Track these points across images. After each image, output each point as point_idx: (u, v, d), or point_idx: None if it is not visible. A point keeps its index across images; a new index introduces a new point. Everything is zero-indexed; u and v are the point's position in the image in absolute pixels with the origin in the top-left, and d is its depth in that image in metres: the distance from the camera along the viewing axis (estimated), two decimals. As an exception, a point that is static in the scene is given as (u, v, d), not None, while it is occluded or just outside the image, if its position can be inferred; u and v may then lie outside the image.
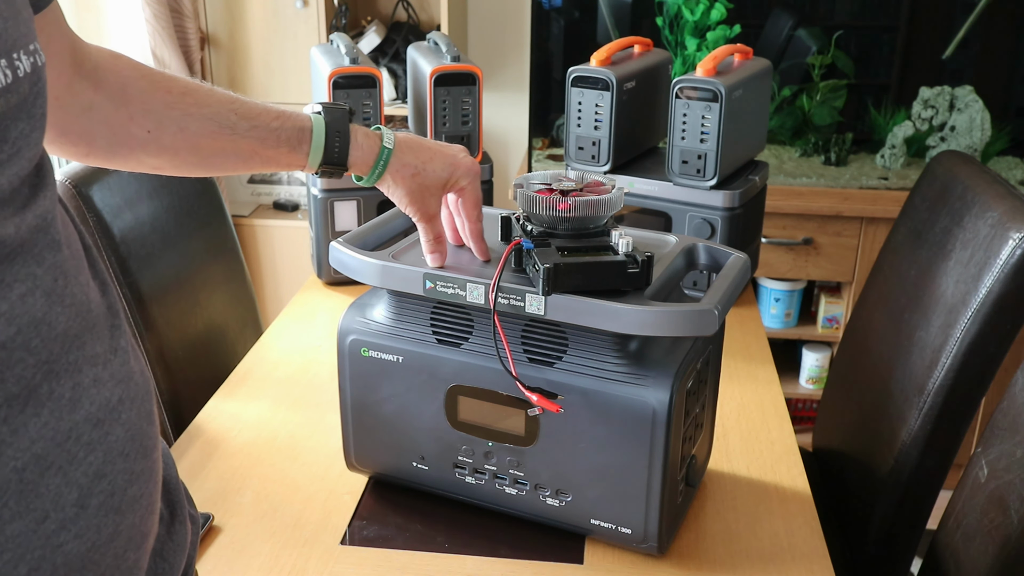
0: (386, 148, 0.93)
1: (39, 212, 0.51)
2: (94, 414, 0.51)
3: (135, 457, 0.54)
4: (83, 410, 0.51)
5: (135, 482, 0.54)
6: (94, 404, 0.52)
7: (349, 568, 0.94)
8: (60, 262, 0.51)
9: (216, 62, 2.56)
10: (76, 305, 0.52)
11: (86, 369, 0.52)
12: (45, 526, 0.48)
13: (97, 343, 0.53)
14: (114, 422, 0.53)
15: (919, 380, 1.27)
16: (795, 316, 2.56)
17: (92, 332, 0.53)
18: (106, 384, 0.53)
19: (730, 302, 0.89)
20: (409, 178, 0.94)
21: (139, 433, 0.55)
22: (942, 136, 2.54)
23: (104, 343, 0.54)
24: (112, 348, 0.55)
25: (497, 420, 0.93)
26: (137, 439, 0.55)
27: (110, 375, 0.53)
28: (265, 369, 1.35)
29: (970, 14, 2.53)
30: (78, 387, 0.51)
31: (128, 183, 1.43)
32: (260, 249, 2.65)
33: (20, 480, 0.47)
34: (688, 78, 1.44)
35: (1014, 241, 1.16)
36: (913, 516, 1.31)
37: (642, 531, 0.91)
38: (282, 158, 0.89)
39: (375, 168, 0.93)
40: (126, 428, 0.54)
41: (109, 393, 0.53)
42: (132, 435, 0.54)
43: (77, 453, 0.50)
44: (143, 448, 0.55)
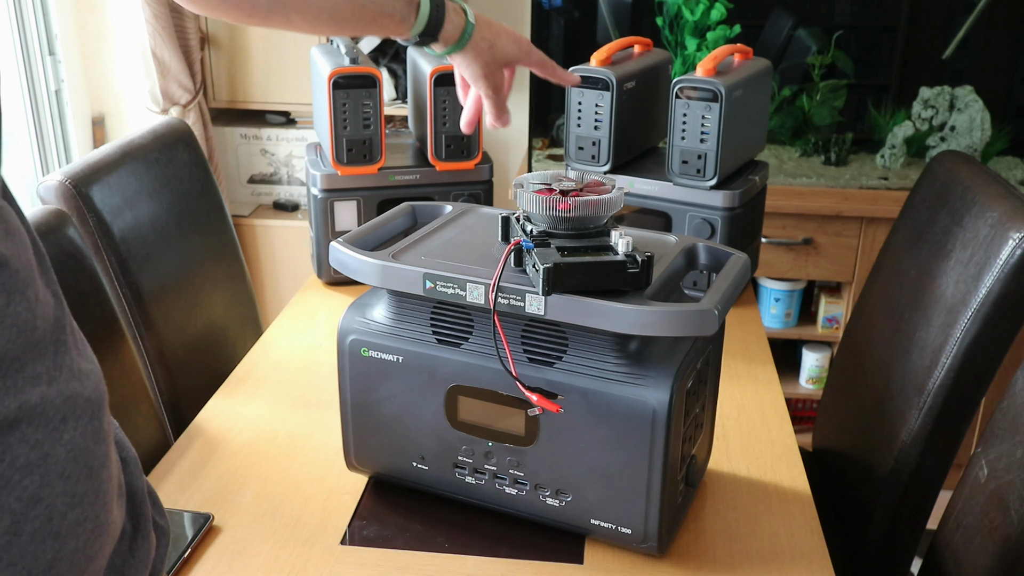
0: (471, 23, 1.06)
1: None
2: (31, 435, 0.48)
3: (77, 479, 0.51)
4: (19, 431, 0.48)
5: (78, 505, 0.51)
6: (32, 425, 0.48)
7: (349, 568, 0.94)
8: (4, 280, 0.48)
9: (216, 62, 2.56)
10: (18, 325, 0.48)
11: (29, 390, 0.49)
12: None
13: (39, 363, 0.50)
14: (55, 443, 0.49)
15: (919, 380, 1.27)
16: (795, 316, 2.56)
17: (34, 351, 0.50)
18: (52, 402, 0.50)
19: (730, 302, 0.89)
20: (485, 51, 1.08)
21: (84, 452, 0.51)
22: (942, 136, 2.54)
23: (47, 361, 0.51)
24: (56, 366, 0.51)
25: (497, 420, 0.93)
26: (81, 459, 0.51)
27: (57, 391, 0.50)
28: (265, 369, 1.35)
29: (970, 14, 2.53)
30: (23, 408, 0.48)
31: (128, 183, 1.43)
32: (260, 249, 2.65)
33: None
34: (688, 78, 1.44)
35: (1014, 241, 1.16)
36: (913, 516, 1.31)
37: (642, 531, 0.91)
38: (392, 27, 1.02)
39: (460, 41, 1.06)
40: (68, 448, 0.50)
41: (53, 412, 0.50)
42: (75, 455, 0.51)
43: (11, 477, 0.47)
44: (87, 468, 0.52)
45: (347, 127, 1.53)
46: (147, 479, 0.63)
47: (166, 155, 1.53)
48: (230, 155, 2.69)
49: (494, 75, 1.11)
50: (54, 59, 2.36)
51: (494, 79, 1.11)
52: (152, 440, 1.26)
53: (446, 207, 1.10)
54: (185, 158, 1.58)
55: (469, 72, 1.10)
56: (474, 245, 0.98)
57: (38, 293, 0.51)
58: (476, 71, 1.09)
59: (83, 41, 2.45)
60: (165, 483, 1.07)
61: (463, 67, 1.10)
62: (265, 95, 2.58)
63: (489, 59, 1.09)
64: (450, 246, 0.98)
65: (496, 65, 1.10)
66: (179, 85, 2.45)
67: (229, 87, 2.58)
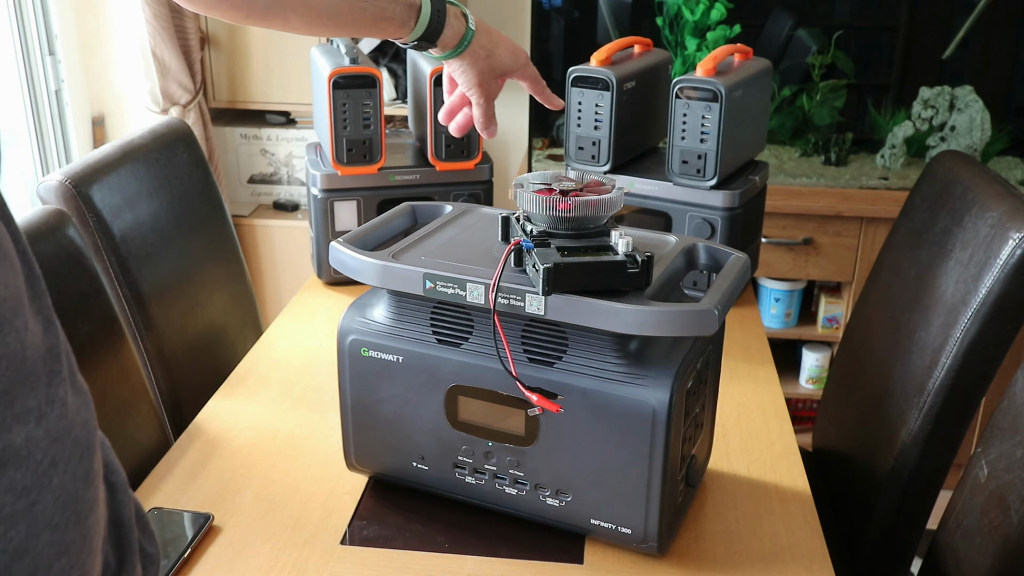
0: (471, 30, 1.06)
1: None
2: (19, 481, 0.45)
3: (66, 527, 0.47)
4: (6, 478, 0.44)
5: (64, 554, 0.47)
6: (20, 469, 0.45)
7: (349, 568, 0.94)
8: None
9: (216, 62, 2.56)
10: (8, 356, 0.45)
11: (16, 429, 0.45)
12: None
13: (30, 396, 0.46)
14: (43, 489, 0.46)
15: (919, 380, 1.27)
16: (795, 316, 2.56)
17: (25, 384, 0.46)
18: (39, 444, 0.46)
19: (730, 302, 0.89)
20: (483, 59, 1.07)
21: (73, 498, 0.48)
22: (942, 136, 2.54)
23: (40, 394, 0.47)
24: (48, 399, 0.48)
25: (497, 420, 0.93)
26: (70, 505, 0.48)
27: (44, 432, 0.47)
28: (265, 369, 1.35)
29: (970, 14, 2.53)
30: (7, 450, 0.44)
31: (128, 183, 1.43)
32: (260, 249, 2.65)
33: None
34: (688, 78, 1.44)
35: (1014, 241, 1.16)
36: (913, 516, 1.31)
37: (642, 531, 0.91)
38: (392, 30, 1.02)
39: (459, 47, 1.05)
40: (57, 495, 0.47)
41: (41, 455, 0.46)
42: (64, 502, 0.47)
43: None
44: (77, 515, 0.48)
45: (347, 127, 1.53)
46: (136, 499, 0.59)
47: (166, 155, 1.53)
48: (230, 155, 2.69)
49: (488, 84, 1.10)
50: (54, 59, 2.36)
51: (488, 88, 1.10)
52: (152, 440, 1.26)
53: (446, 207, 1.10)
54: (185, 158, 1.58)
55: (464, 79, 1.09)
56: (474, 245, 0.98)
57: (27, 322, 0.48)
58: (471, 78, 1.09)
59: (83, 41, 2.45)
60: (165, 483, 1.07)
61: (458, 73, 1.09)
62: (265, 95, 2.58)
63: (485, 67, 1.08)
64: (450, 246, 0.98)
65: (492, 74, 1.10)
66: (179, 85, 2.45)
67: (229, 87, 2.58)
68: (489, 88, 1.10)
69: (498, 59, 1.09)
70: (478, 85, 1.09)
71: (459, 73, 1.09)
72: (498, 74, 1.10)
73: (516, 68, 1.11)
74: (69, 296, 1.15)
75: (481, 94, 1.09)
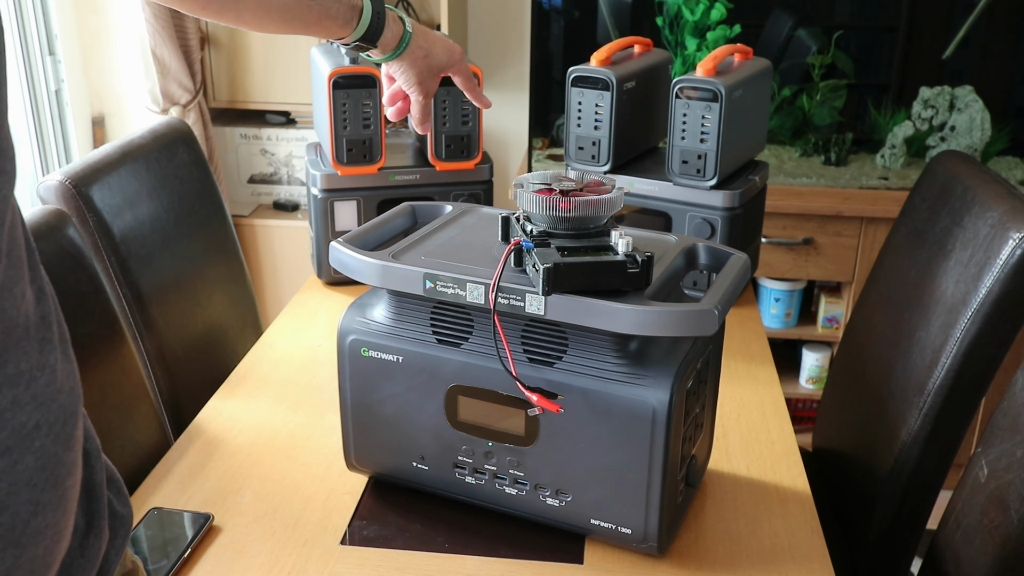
0: (408, 32, 1.09)
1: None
2: (3, 441, 0.47)
3: (44, 487, 0.50)
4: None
5: (40, 513, 0.50)
6: (4, 430, 0.47)
7: (349, 568, 0.94)
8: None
9: (216, 62, 2.56)
10: (4, 322, 0.48)
11: (5, 390, 0.47)
12: None
13: (23, 360, 0.49)
14: (25, 450, 0.48)
15: (919, 380, 1.27)
16: (795, 316, 2.56)
17: (18, 348, 0.49)
18: (25, 407, 0.48)
19: (730, 302, 0.89)
20: (421, 59, 1.12)
21: (52, 460, 0.50)
22: (942, 136, 2.54)
23: (31, 359, 0.50)
24: (40, 364, 0.50)
25: (497, 420, 0.93)
26: (49, 467, 0.50)
27: (31, 396, 0.49)
28: (265, 369, 1.35)
29: (970, 14, 2.53)
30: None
31: (128, 183, 1.43)
32: (260, 249, 2.65)
33: None
34: (688, 78, 1.44)
35: (1014, 241, 1.16)
36: (913, 516, 1.31)
37: (642, 531, 0.91)
38: (335, 29, 1.04)
39: (397, 49, 1.09)
40: (37, 456, 0.49)
41: (25, 417, 0.48)
42: (43, 464, 0.50)
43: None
44: (54, 477, 0.51)
45: (347, 127, 1.53)
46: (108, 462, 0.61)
47: (166, 155, 1.53)
48: (230, 155, 2.69)
49: (427, 82, 1.15)
50: (54, 59, 2.36)
51: (426, 86, 1.15)
52: (152, 440, 1.26)
53: (446, 207, 1.10)
54: (185, 158, 1.58)
55: (404, 78, 1.14)
56: (474, 245, 0.98)
57: (25, 290, 0.50)
58: (411, 78, 1.13)
59: (83, 41, 2.45)
60: (165, 483, 1.07)
61: (398, 74, 1.14)
62: (265, 95, 2.58)
63: (424, 67, 1.13)
64: (450, 246, 0.98)
65: (429, 73, 1.15)
66: (179, 85, 2.45)
67: (229, 87, 2.58)
68: (427, 86, 1.15)
69: (435, 58, 1.14)
70: (417, 84, 1.14)
71: (399, 73, 1.13)
72: (435, 72, 1.15)
73: (451, 64, 1.16)
74: (69, 296, 1.15)
75: (420, 92, 1.14)
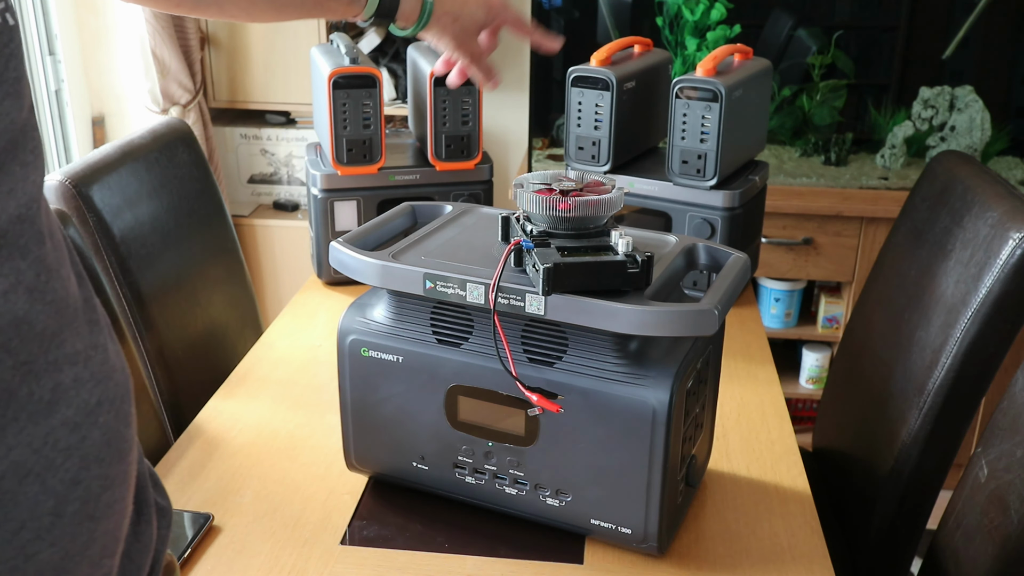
0: (428, 1, 1.03)
1: (24, 200, 0.47)
2: (71, 418, 0.49)
3: (111, 462, 0.52)
4: (60, 414, 0.48)
5: (110, 487, 0.52)
6: (71, 407, 0.49)
7: (349, 568, 0.94)
8: (44, 255, 0.48)
9: (216, 62, 2.56)
10: (57, 302, 0.49)
11: (67, 369, 0.49)
12: (20, 536, 0.46)
13: (77, 340, 0.50)
14: (92, 426, 0.50)
15: (919, 380, 1.27)
16: (795, 316, 2.56)
17: (71, 328, 0.50)
18: (86, 384, 0.50)
19: (730, 302, 0.89)
20: (451, 24, 1.05)
21: (116, 436, 0.52)
22: (942, 136, 2.54)
23: (84, 339, 0.51)
24: (92, 344, 0.52)
25: (497, 420, 0.93)
26: (114, 443, 0.52)
27: (90, 374, 0.51)
28: (265, 369, 1.35)
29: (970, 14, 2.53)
30: (58, 388, 0.48)
31: (128, 183, 1.43)
32: (260, 249, 2.65)
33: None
34: (688, 78, 1.44)
35: (1014, 241, 1.16)
36: (913, 516, 1.31)
37: (642, 531, 0.91)
38: (340, 9, 0.99)
39: (420, 19, 1.03)
40: (103, 432, 0.51)
41: (88, 395, 0.50)
42: (108, 439, 0.51)
43: (55, 459, 0.48)
44: (119, 452, 0.53)
45: (347, 127, 1.53)
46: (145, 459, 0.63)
47: (166, 155, 1.53)
48: (230, 155, 2.69)
49: (467, 44, 1.09)
50: (54, 59, 2.36)
51: (468, 48, 1.09)
52: (152, 440, 1.26)
53: (446, 207, 1.10)
54: (185, 158, 1.58)
55: (442, 46, 1.09)
56: (474, 245, 0.98)
57: (69, 272, 0.52)
58: (448, 43, 1.08)
59: (83, 41, 2.45)
60: (165, 483, 1.07)
61: (433, 41, 1.09)
62: (265, 95, 2.58)
63: (458, 30, 1.07)
64: (450, 246, 0.98)
65: (466, 35, 1.08)
66: (179, 85, 2.45)
67: (229, 87, 2.58)
68: (470, 47, 1.09)
69: (468, 18, 1.07)
70: (457, 48, 1.08)
71: (434, 41, 1.08)
72: (474, 32, 1.08)
73: (492, 19, 1.09)
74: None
75: (464, 55, 1.09)
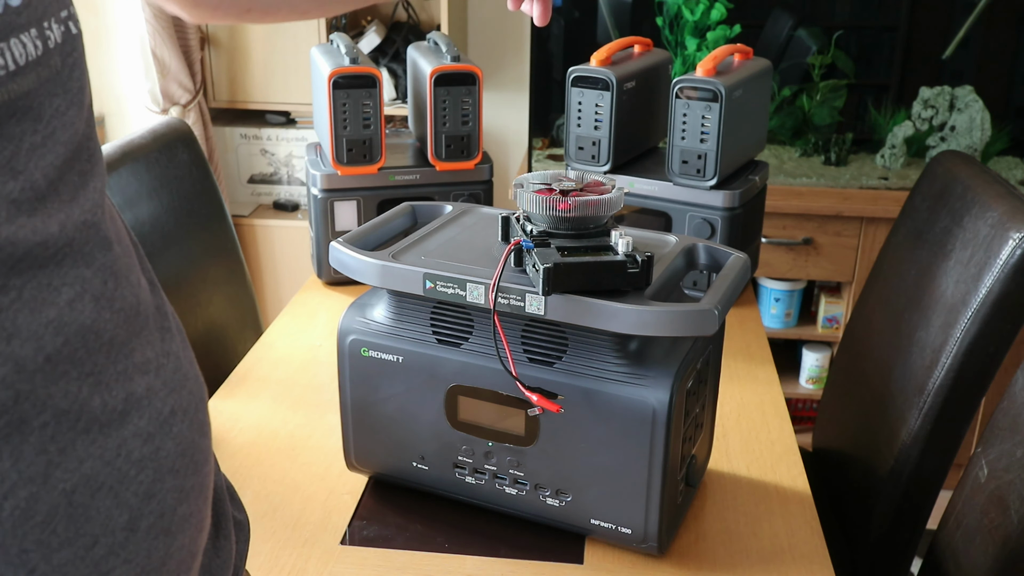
0: None
1: (88, 206, 0.46)
2: (144, 428, 0.47)
3: (186, 473, 0.50)
4: (132, 424, 0.47)
5: (185, 500, 0.50)
6: (144, 417, 0.47)
7: (349, 568, 0.94)
8: (110, 262, 0.47)
9: (216, 62, 2.56)
10: (126, 309, 0.47)
11: (137, 378, 0.47)
12: (94, 552, 0.44)
13: (148, 348, 0.49)
14: (165, 436, 0.49)
15: (919, 380, 1.27)
16: (795, 316, 2.56)
17: (141, 337, 0.49)
18: (159, 394, 0.49)
19: (730, 302, 0.89)
20: None
21: (191, 447, 0.51)
22: (942, 136, 2.54)
23: (155, 347, 0.50)
24: (164, 352, 0.50)
25: (497, 420, 0.93)
26: (188, 453, 0.50)
27: (163, 383, 0.49)
28: (265, 369, 1.35)
29: (970, 14, 2.53)
30: (130, 398, 0.47)
31: (128, 183, 1.43)
32: (260, 249, 2.65)
33: (69, 503, 0.43)
34: (688, 78, 1.44)
35: (1014, 241, 1.16)
36: (913, 516, 1.31)
37: (642, 531, 0.91)
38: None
39: None
40: (177, 442, 0.49)
41: (161, 404, 0.49)
42: (183, 449, 0.50)
43: (128, 472, 0.46)
44: (194, 463, 0.51)
45: (347, 127, 1.53)
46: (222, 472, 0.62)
47: (166, 155, 1.53)
48: (230, 155, 2.69)
49: None
50: (54, 59, 2.35)
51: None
52: (152, 440, 1.26)
53: (446, 207, 1.10)
54: (185, 158, 1.58)
55: None
56: (474, 245, 0.98)
57: (139, 278, 0.50)
58: None
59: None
60: (165, 483, 1.07)
61: None
62: (265, 95, 2.58)
63: None
64: (450, 246, 0.98)
65: None
66: (179, 85, 2.45)
67: (229, 87, 2.58)
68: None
69: None
70: None
71: None
72: None
73: None
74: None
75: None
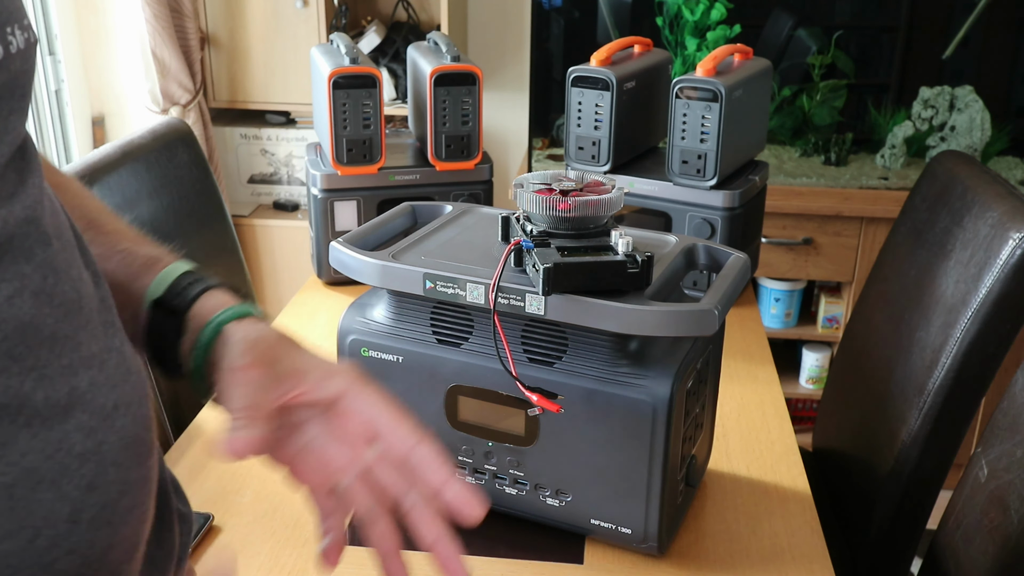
0: None
1: (27, 203, 0.47)
2: (86, 422, 0.48)
3: (129, 466, 0.51)
4: (75, 419, 0.47)
5: (129, 492, 0.51)
6: (87, 412, 0.48)
7: (349, 568, 0.94)
8: (50, 257, 0.48)
9: (216, 62, 2.56)
10: (67, 304, 0.48)
11: (82, 373, 0.48)
12: (37, 543, 0.45)
13: (92, 342, 0.50)
14: (108, 430, 0.49)
15: (919, 380, 1.27)
16: (795, 316, 2.56)
17: (86, 330, 0.49)
18: (102, 388, 0.49)
19: (730, 302, 0.89)
20: None
21: (134, 440, 0.51)
22: (942, 136, 2.54)
23: (99, 342, 0.50)
24: (107, 347, 0.51)
25: (497, 420, 0.93)
26: (132, 447, 0.51)
27: (106, 378, 0.50)
28: (265, 369, 1.35)
29: (970, 14, 2.53)
30: (74, 392, 0.47)
31: (128, 183, 1.43)
32: (260, 249, 2.65)
33: (10, 496, 0.44)
34: (688, 78, 1.44)
35: (1014, 241, 1.16)
36: (913, 516, 1.31)
37: (642, 531, 0.91)
38: None
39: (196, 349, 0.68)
40: (120, 436, 0.50)
41: (104, 398, 0.49)
42: (127, 443, 0.50)
43: (70, 465, 0.47)
44: (137, 456, 0.52)
45: (347, 127, 1.53)
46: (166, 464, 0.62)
47: (166, 155, 1.53)
48: (230, 155, 2.69)
49: None
50: (54, 59, 2.36)
51: None
52: (152, 440, 1.26)
53: (446, 207, 1.10)
54: (185, 158, 1.58)
55: None
56: (474, 245, 0.98)
57: (81, 272, 0.51)
58: None
59: (83, 41, 2.45)
60: (165, 483, 1.07)
61: None
62: (265, 95, 2.58)
63: None
64: (450, 246, 0.98)
65: None
66: (179, 85, 2.45)
67: (229, 87, 2.58)
68: None
69: None
70: None
71: None
72: None
73: None
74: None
75: None
